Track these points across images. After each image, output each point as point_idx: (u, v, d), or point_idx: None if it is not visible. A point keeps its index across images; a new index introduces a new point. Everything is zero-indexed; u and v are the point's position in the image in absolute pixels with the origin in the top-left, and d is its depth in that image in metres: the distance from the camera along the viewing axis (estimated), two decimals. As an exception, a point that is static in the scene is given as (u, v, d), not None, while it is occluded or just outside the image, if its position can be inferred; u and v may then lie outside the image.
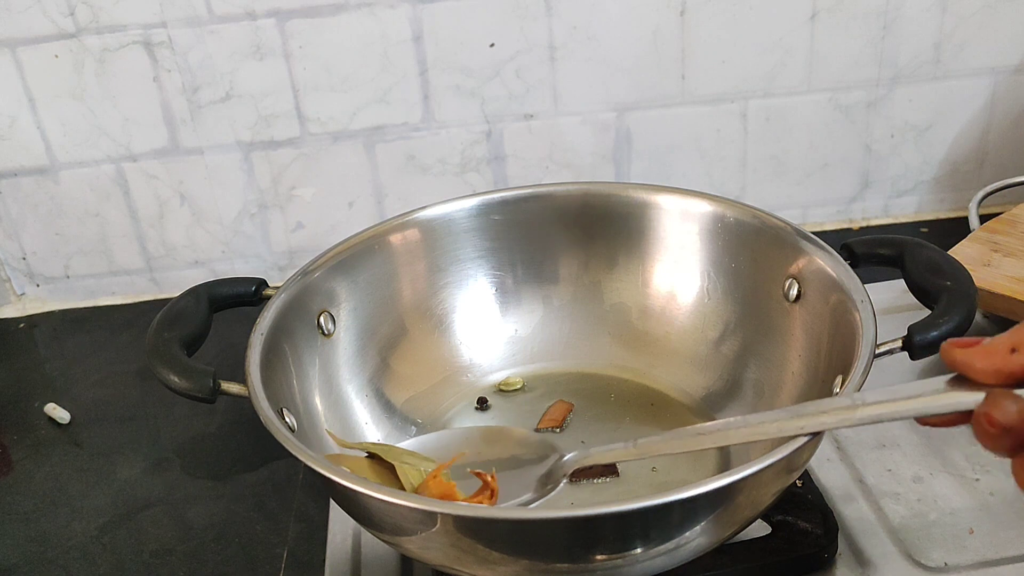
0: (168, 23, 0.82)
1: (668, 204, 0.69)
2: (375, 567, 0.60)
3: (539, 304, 0.73)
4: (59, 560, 0.64)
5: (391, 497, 0.46)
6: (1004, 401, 0.38)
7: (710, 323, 0.68)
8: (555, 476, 0.54)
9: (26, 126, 0.86)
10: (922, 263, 0.59)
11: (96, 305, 0.95)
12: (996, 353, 0.39)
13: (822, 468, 0.64)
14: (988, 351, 0.40)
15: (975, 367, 0.40)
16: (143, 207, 0.90)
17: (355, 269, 0.67)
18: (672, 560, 0.49)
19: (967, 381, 0.41)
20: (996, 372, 0.39)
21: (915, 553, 0.57)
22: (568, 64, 0.87)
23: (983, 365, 0.40)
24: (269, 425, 0.51)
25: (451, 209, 0.70)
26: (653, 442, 0.51)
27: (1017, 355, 0.39)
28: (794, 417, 0.46)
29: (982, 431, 0.39)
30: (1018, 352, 0.39)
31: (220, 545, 0.64)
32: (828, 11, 0.86)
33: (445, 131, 0.89)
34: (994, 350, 0.39)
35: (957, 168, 0.95)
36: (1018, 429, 0.38)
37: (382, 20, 0.84)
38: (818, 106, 0.90)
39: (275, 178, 0.90)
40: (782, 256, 0.63)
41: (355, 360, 0.66)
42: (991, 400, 0.39)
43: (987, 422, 0.38)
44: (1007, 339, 0.39)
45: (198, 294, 0.63)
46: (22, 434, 0.77)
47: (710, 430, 0.49)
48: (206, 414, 0.77)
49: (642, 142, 0.91)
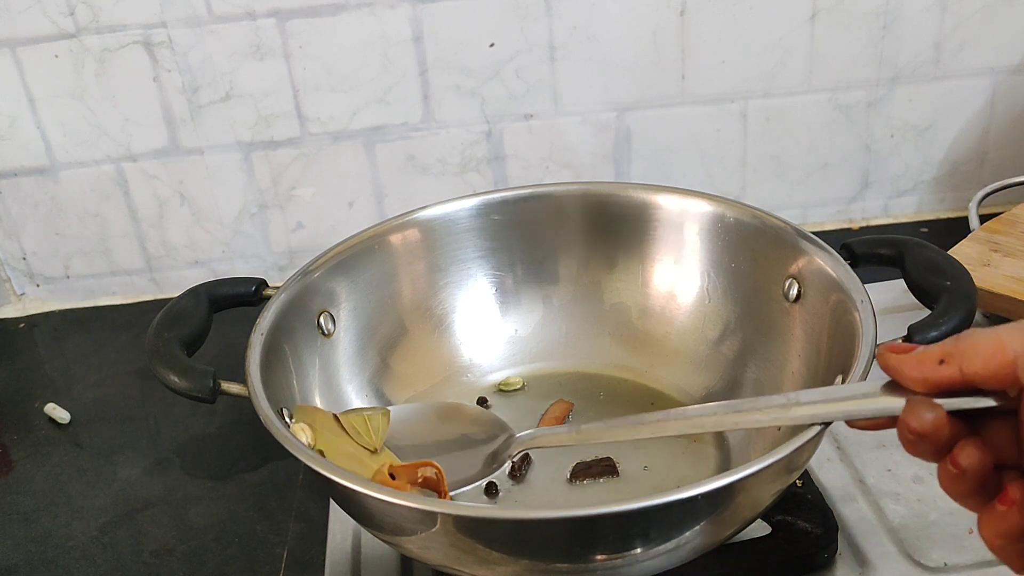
0: (168, 23, 0.82)
1: (668, 204, 0.70)
2: (375, 567, 0.60)
3: (539, 304, 0.73)
4: (59, 560, 0.64)
5: (391, 497, 0.46)
6: (921, 409, 0.39)
7: (710, 323, 0.68)
8: (501, 456, 0.56)
9: (26, 126, 0.86)
10: (922, 263, 0.59)
11: (96, 305, 0.95)
12: (925, 363, 0.40)
13: (822, 468, 0.64)
14: (919, 360, 0.41)
15: (905, 374, 0.41)
16: (143, 207, 0.90)
17: (355, 269, 0.67)
18: (672, 560, 0.49)
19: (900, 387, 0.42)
20: (924, 381, 0.40)
21: (915, 553, 0.57)
22: (568, 64, 0.87)
23: (912, 373, 0.41)
24: (269, 425, 0.51)
25: (451, 209, 0.70)
26: (596, 428, 0.53)
27: (945, 366, 0.39)
28: (731, 412, 0.48)
29: (902, 437, 0.40)
30: (946, 364, 0.39)
31: (220, 545, 0.64)
32: (828, 11, 0.86)
33: (445, 131, 0.89)
34: (924, 359, 0.40)
35: (957, 168, 0.95)
36: (932, 437, 0.39)
37: (382, 20, 0.84)
38: (818, 106, 0.90)
39: (275, 178, 0.90)
40: (782, 256, 0.63)
41: (355, 360, 0.66)
42: (910, 408, 0.40)
43: (905, 428, 0.39)
44: (938, 350, 0.40)
45: (198, 294, 0.64)
46: (22, 434, 0.77)
47: (649, 420, 0.51)
48: (206, 414, 0.77)
49: (642, 142, 0.91)
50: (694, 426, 0.49)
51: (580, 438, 0.53)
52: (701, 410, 0.49)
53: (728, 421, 0.48)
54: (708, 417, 0.48)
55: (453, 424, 0.60)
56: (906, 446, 0.40)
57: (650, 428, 0.51)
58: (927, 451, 0.40)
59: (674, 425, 0.50)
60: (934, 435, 0.39)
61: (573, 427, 0.53)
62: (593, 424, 0.53)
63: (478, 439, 0.58)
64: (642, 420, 0.51)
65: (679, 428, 0.49)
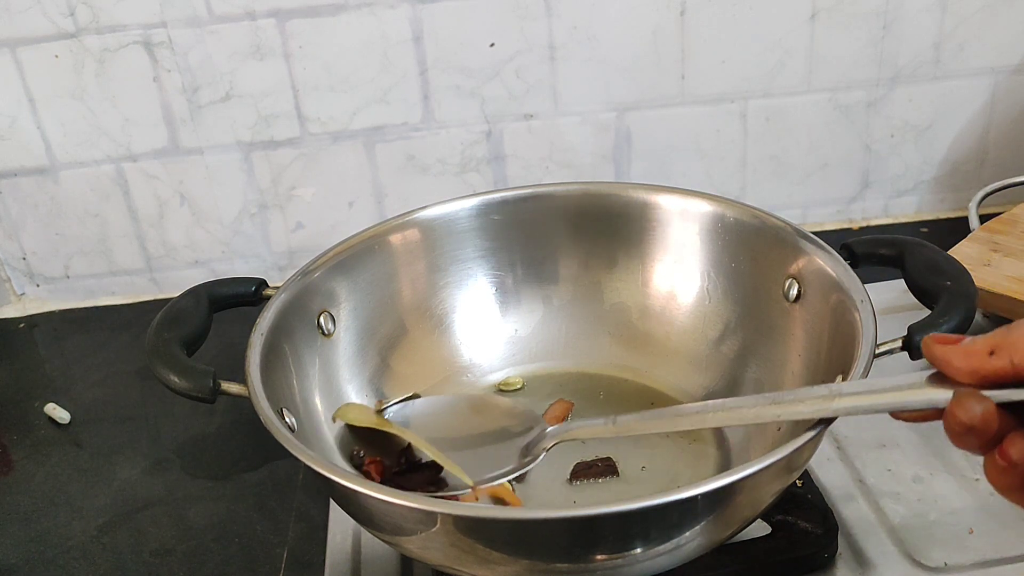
0: (168, 23, 0.82)
1: (668, 204, 0.69)
2: (375, 567, 0.60)
3: (539, 304, 0.73)
4: (59, 560, 0.64)
5: (391, 497, 0.46)
6: (969, 401, 0.39)
7: (710, 323, 0.68)
8: (536, 448, 0.55)
9: (26, 126, 0.86)
10: (922, 263, 0.59)
11: (96, 305, 0.95)
12: (975, 354, 0.40)
13: (822, 468, 0.64)
14: (967, 351, 0.40)
15: (953, 365, 0.40)
16: (143, 207, 0.90)
17: (355, 269, 0.67)
18: (672, 560, 0.49)
19: (946, 378, 0.41)
20: (972, 372, 0.40)
21: (915, 553, 0.57)
22: (568, 64, 0.87)
23: (960, 364, 0.40)
24: (269, 425, 0.51)
25: (451, 209, 0.70)
26: (632, 420, 0.52)
27: (995, 358, 0.39)
28: (771, 404, 0.46)
29: (949, 429, 0.40)
30: (996, 355, 0.39)
31: (220, 545, 0.64)
32: (828, 11, 0.86)
33: (445, 131, 0.89)
34: (973, 351, 0.40)
35: (957, 168, 0.95)
36: (980, 430, 0.38)
37: (382, 20, 0.84)
38: (818, 106, 0.90)
39: (275, 178, 0.90)
40: (782, 256, 0.63)
41: (355, 360, 0.66)
42: (958, 400, 0.39)
43: (953, 421, 0.39)
44: (988, 341, 0.39)
45: (198, 294, 0.63)
46: (22, 434, 0.77)
47: (688, 412, 0.50)
48: (206, 414, 0.77)
49: (642, 142, 0.91)
50: (734, 418, 0.48)
51: (616, 430, 0.52)
52: (740, 402, 0.48)
53: (769, 413, 0.47)
54: (748, 409, 0.47)
55: (486, 416, 0.60)
56: (953, 439, 0.40)
57: (688, 420, 0.50)
58: (974, 444, 0.39)
59: (713, 417, 0.49)
60: (983, 428, 0.38)
61: (609, 419, 0.53)
62: (629, 416, 0.52)
63: (512, 431, 0.58)
64: (680, 412, 0.50)
65: (718, 420, 0.48)
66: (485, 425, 0.59)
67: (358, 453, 0.58)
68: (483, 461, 0.54)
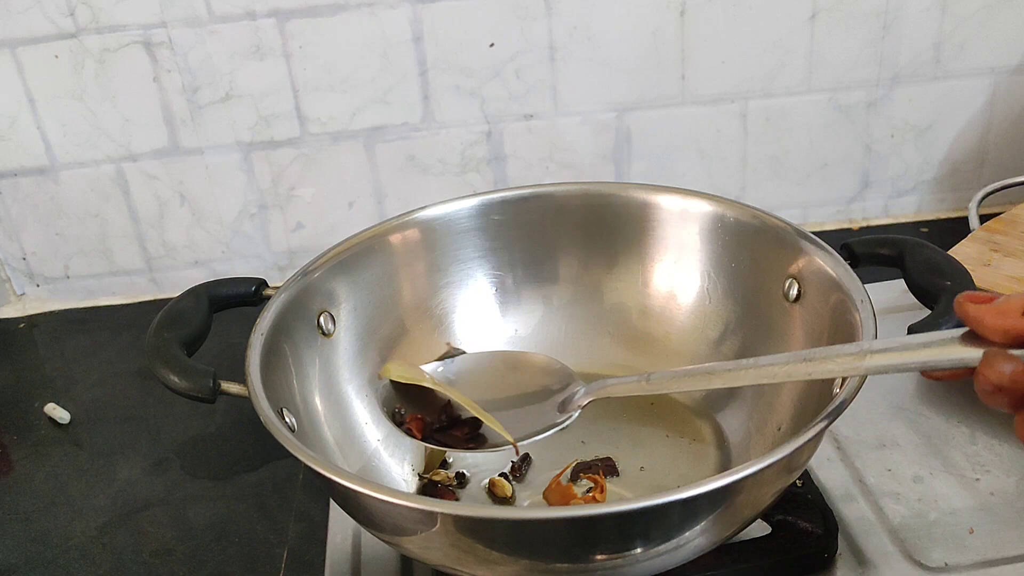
0: (168, 23, 0.82)
1: (668, 204, 0.69)
2: (375, 567, 0.60)
3: (539, 304, 0.73)
4: (59, 560, 0.64)
5: (391, 497, 0.46)
6: (1000, 360, 0.39)
7: (710, 323, 0.68)
8: (571, 405, 0.56)
9: (26, 126, 0.86)
10: (922, 263, 0.59)
11: (96, 305, 0.95)
12: (1007, 313, 0.40)
13: (822, 468, 0.64)
14: (1000, 310, 0.40)
15: (986, 324, 0.40)
16: (143, 207, 0.90)
17: (355, 269, 0.67)
18: (672, 560, 0.49)
19: (977, 337, 0.41)
20: (1004, 332, 0.40)
21: (915, 553, 0.57)
22: (568, 64, 0.87)
23: (993, 323, 0.40)
24: (269, 425, 0.51)
25: (451, 209, 0.70)
26: (666, 378, 0.52)
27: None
28: (803, 362, 0.46)
29: (979, 388, 0.40)
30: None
31: (220, 545, 0.64)
32: (828, 11, 0.86)
33: (445, 131, 0.89)
34: (1007, 310, 0.40)
35: (957, 168, 0.95)
36: (1010, 389, 0.39)
37: (382, 20, 0.84)
38: (818, 106, 0.90)
39: (275, 178, 0.90)
40: (782, 256, 0.63)
41: (355, 360, 0.66)
42: (987, 359, 0.39)
43: (983, 380, 0.39)
44: (1021, 301, 0.39)
45: (198, 294, 0.64)
46: (22, 434, 0.77)
47: (720, 370, 0.50)
48: (206, 414, 0.77)
49: (642, 142, 0.91)
50: (765, 375, 0.48)
51: (650, 388, 0.53)
52: (773, 359, 0.48)
53: (800, 371, 0.46)
54: (780, 367, 0.47)
55: (523, 374, 0.61)
56: (983, 397, 0.40)
57: (721, 378, 0.50)
58: (1004, 402, 0.39)
59: (745, 375, 0.49)
60: (1012, 387, 0.38)
61: (643, 377, 0.53)
62: (663, 374, 0.52)
63: (549, 388, 0.59)
64: (712, 370, 0.50)
65: (750, 378, 0.48)
66: (522, 382, 0.60)
67: (400, 410, 0.59)
68: (522, 417, 0.55)
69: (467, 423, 0.58)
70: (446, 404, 0.60)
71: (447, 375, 0.62)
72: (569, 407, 0.56)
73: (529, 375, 0.61)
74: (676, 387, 0.53)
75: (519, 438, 0.55)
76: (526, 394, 0.60)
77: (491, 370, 0.62)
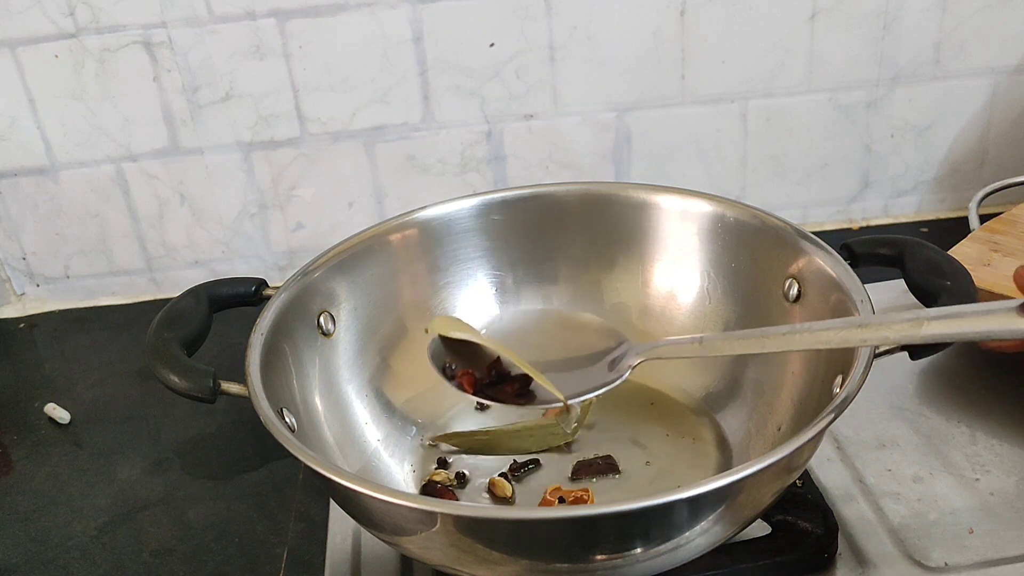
0: (168, 23, 0.82)
1: (668, 204, 0.70)
2: (375, 567, 0.60)
3: (539, 304, 0.73)
4: (59, 560, 0.64)
5: (391, 497, 0.46)
6: None
7: (710, 323, 0.68)
8: (621, 365, 0.56)
9: (26, 126, 0.86)
10: (922, 263, 0.60)
11: (96, 305, 0.95)
12: None
13: (822, 468, 0.64)
14: None
15: None
16: (143, 207, 0.90)
17: (355, 269, 0.67)
18: (672, 560, 0.49)
19: None
20: None
21: (915, 553, 0.57)
22: (568, 64, 0.87)
23: None
24: (269, 425, 0.51)
25: (451, 209, 0.70)
26: (719, 340, 0.53)
27: None
28: (857, 328, 0.46)
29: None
30: None
31: (220, 545, 0.64)
32: (828, 11, 0.86)
33: (445, 131, 0.89)
34: None
35: (957, 168, 0.95)
36: None
37: (382, 20, 0.84)
38: (818, 106, 0.90)
39: (275, 178, 0.90)
40: (782, 256, 0.63)
41: (355, 360, 0.66)
42: None
43: None
44: None
45: (198, 294, 0.64)
46: (22, 434, 0.77)
47: (774, 333, 0.50)
48: (206, 414, 0.77)
49: (642, 142, 0.91)
50: (819, 341, 0.47)
51: (703, 350, 0.53)
52: (827, 324, 0.48)
53: (855, 337, 0.46)
54: (834, 332, 0.47)
55: (573, 333, 0.61)
56: None
57: (775, 342, 0.50)
58: None
59: (799, 339, 0.48)
60: None
61: (696, 338, 0.53)
62: (716, 336, 0.53)
63: (599, 348, 0.59)
64: (766, 333, 0.51)
65: (804, 342, 0.48)
66: (572, 341, 0.60)
67: (450, 365, 0.59)
68: (572, 376, 0.56)
69: (517, 379, 0.58)
70: (495, 360, 0.60)
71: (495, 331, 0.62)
72: (619, 367, 0.56)
73: (579, 334, 0.61)
74: (729, 350, 0.52)
75: (569, 396, 0.55)
76: (575, 351, 0.59)
77: (541, 329, 0.62)
